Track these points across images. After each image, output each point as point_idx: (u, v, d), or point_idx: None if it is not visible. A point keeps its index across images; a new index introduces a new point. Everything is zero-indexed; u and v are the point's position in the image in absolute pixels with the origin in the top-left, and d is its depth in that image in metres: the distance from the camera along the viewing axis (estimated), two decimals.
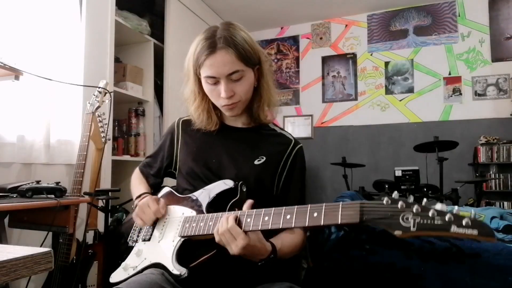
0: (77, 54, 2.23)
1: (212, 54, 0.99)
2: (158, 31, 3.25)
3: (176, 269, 0.90)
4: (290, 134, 1.18)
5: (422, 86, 4.34)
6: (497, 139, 3.89)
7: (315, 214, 0.76)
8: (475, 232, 0.60)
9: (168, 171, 1.21)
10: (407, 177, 3.04)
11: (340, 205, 0.73)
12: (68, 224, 1.50)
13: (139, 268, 0.97)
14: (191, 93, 1.11)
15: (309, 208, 0.77)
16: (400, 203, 0.67)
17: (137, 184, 1.22)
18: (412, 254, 1.19)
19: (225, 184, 0.99)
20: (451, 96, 4.21)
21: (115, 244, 1.14)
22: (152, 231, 1.03)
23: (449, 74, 4.23)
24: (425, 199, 0.68)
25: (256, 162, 1.06)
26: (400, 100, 4.42)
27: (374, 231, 1.33)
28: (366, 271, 1.24)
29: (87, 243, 1.84)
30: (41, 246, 1.33)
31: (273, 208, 0.83)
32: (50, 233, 1.65)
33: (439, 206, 0.65)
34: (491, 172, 3.96)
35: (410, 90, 4.38)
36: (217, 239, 0.87)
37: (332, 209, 0.74)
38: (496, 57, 4.07)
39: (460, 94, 4.18)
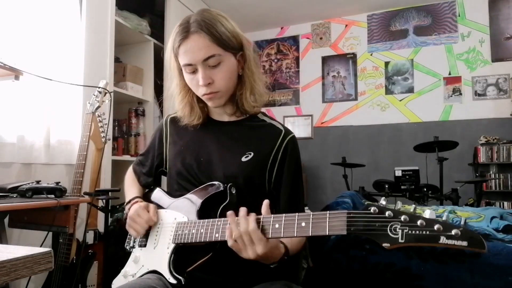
0: (77, 54, 2.23)
1: (185, 40, 0.94)
2: (158, 31, 3.25)
3: (173, 278, 0.89)
4: (281, 124, 1.09)
5: (422, 86, 4.34)
6: (497, 139, 3.89)
7: (303, 224, 0.74)
8: (464, 243, 0.60)
9: (160, 170, 1.17)
10: (407, 177, 3.04)
11: (328, 214, 0.72)
12: (68, 224, 1.50)
13: (137, 276, 0.98)
14: (176, 86, 1.07)
15: (296, 217, 0.76)
16: (388, 213, 0.66)
17: (129, 185, 1.18)
18: (412, 254, 1.19)
19: (214, 187, 0.96)
20: (451, 96, 4.21)
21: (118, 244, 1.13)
22: (147, 237, 1.02)
23: (449, 74, 4.23)
24: (413, 205, 0.67)
25: (243, 159, 0.99)
26: (400, 100, 4.42)
27: None
28: (366, 271, 1.24)
29: (87, 243, 1.84)
30: (41, 246, 1.33)
31: (272, 216, 0.80)
32: (50, 233, 1.65)
33: (427, 213, 0.64)
34: (491, 172, 3.96)
35: (410, 90, 4.39)
36: (230, 243, 0.81)
37: (319, 219, 0.73)
38: (496, 57, 4.07)
39: (460, 94, 4.18)
